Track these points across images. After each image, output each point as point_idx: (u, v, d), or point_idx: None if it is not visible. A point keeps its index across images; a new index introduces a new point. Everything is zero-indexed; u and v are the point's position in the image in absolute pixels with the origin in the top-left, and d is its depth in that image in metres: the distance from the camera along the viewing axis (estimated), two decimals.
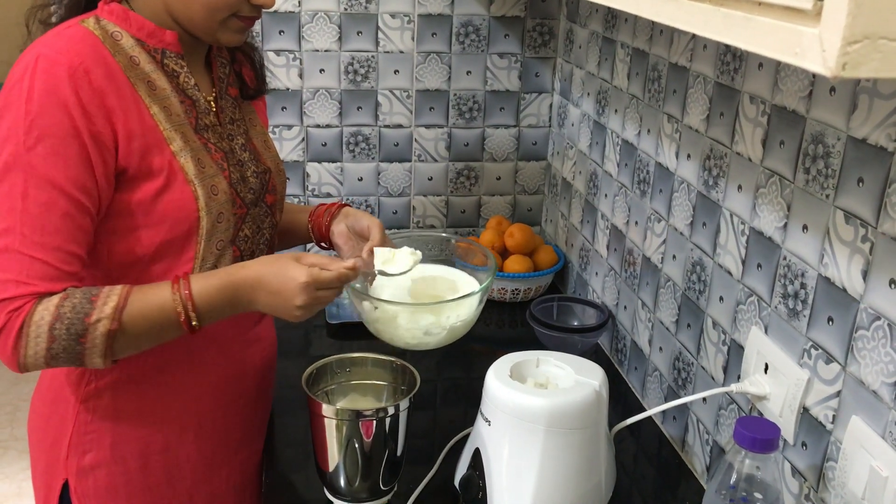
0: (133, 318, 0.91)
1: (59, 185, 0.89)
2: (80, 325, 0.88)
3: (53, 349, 0.88)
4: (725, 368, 1.10)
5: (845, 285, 0.84)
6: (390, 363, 1.10)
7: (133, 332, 0.91)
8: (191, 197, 0.97)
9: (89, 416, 1.03)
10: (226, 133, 1.07)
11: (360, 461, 1.01)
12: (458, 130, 1.84)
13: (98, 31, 0.95)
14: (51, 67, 0.89)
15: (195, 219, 0.98)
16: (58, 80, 0.89)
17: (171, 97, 0.99)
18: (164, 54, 1.00)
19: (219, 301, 0.95)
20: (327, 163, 1.81)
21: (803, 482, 0.92)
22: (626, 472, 1.18)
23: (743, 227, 1.05)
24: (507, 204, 1.93)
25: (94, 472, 1.04)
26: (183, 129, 0.99)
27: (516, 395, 0.96)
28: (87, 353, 0.89)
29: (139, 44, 0.98)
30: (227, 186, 1.02)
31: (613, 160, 1.49)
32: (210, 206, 0.99)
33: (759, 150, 1.00)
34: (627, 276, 1.44)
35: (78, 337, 0.88)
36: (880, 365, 0.79)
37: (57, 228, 0.89)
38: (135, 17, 0.98)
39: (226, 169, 1.03)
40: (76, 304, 0.89)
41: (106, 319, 0.89)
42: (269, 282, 0.96)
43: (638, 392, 1.40)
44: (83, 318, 0.88)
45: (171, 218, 0.97)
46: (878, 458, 0.79)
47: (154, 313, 0.92)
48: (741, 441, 0.81)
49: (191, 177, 0.97)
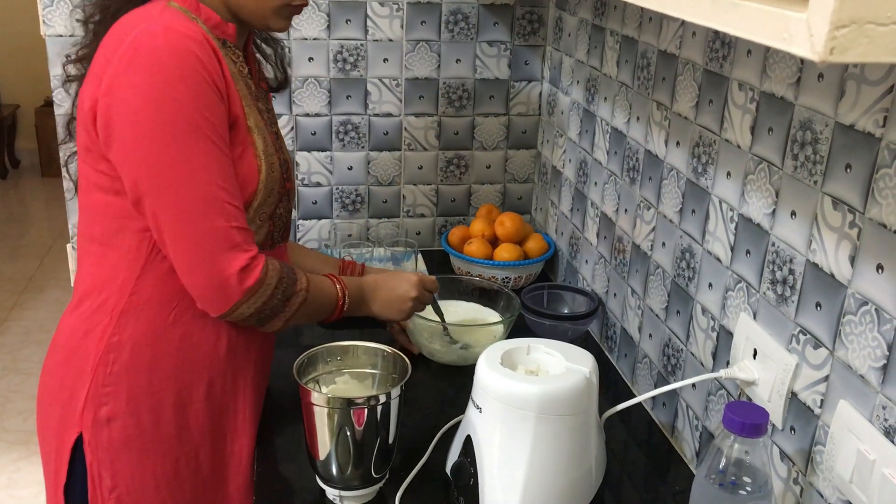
0: (315, 293, 1.12)
1: (225, 140, 1.01)
2: (291, 289, 1.07)
3: (267, 305, 1.05)
4: (714, 354, 1.11)
5: (833, 271, 0.85)
6: (381, 351, 1.11)
7: (310, 306, 1.11)
8: (255, 170, 1.06)
9: (108, 368, 1.07)
10: (272, 120, 1.17)
11: (352, 449, 1.01)
12: (448, 119, 1.84)
13: (187, 13, 1.03)
14: (186, 40, 0.97)
15: (253, 190, 1.06)
16: (198, 51, 0.97)
17: (241, 80, 1.07)
18: (224, 44, 1.06)
19: (357, 297, 1.20)
20: (317, 152, 1.81)
21: (792, 466, 0.93)
22: (616, 458, 1.19)
23: (731, 213, 1.05)
24: (498, 192, 1.93)
25: (109, 425, 1.07)
26: (253, 110, 1.08)
27: (507, 383, 0.96)
28: (280, 315, 1.07)
29: (207, 32, 1.03)
30: (278, 165, 1.11)
31: (603, 148, 1.50)
32: (268, 181, 1.08)
33: (748, 136, 1.01)
34: (617, 264, 1.44)
35: (286, 299, 1.06)
36: (867, 349, 0.80)
37: (233, 179, 1.02)
38: (204, 8, 1.05)
39: (279, 150, 1.13)
40: (287, 273, 1.07)
41: (304, 290, 1.09)
42: (386, 283, 1.26)
43: (628, 379, 1.40)
44: (294, 285, 1.07)
45: (238, 182, 1.04)
46: (865, 442, 0.79)
47: (323, 296, 1.14)
48: (730, 426, 0.82)
49: (259, 151, 1.06)
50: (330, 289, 1.16)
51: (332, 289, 1.16)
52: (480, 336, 1.38)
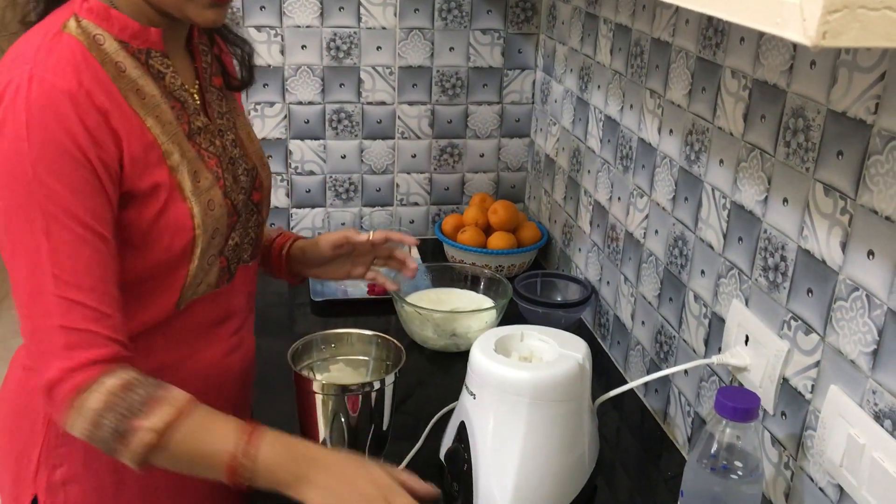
0: (180, 441, 0.83)
1: (82, 219, 0.83)
2: (125, 425, 0.82)
3: (93, 434, 0.83)
4: (707, 341, 1.12)
5: (824, 257, 0.86)
6: (375, 338, 1.11)
7: (173, 454, 0.83)
8: (187, 215, 0.92)
9: (60, 428, 0.91)
10: (216, 130, 1.00)
11: (346, 435, 1.01)
12: (441, 107, 1.84)
13: (83, 38, 0.87)
14: (50, 92, 0.81)
15: (190, 238, 0.92)
16: (60, 106, 0.82)
17: (161, 104, 0.92)
18: (148, 54, 0.92)
19: (279, 465, 0.84)
20: (310, 140, 1.81)
21: (783, 451, 0.94)
22: (608, 444, 1.20)
23: (724, 201, 1.06)
24: (491, 181, 1.93)
25: (65, 488, 0.98)
26: (178, 139, 0.93)
27: (501, 369, 0.97)
28: (121, 454, 0.83)
29: (122, 46, 0.89)
30: (221, 198, 0.96)
31: (596, 136, 1.50)
32: (206, 223, 0.93)
33: (741, 124, 1.01)
34: (610, 252, 1.45)
35: (119, 436, 0.82)
36: (858, 335, 0.81)
37: (88, 266, 0.83)
38: (117, 16, 0.89)
39: (221, 177, 0.97)
40: (133, 401, 0.82)
41: (152, 432, 0.82)
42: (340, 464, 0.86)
43: (620, 366, 1.41)
44: (131, 420, 0.82)
45: (166, 239, 0.91)
46: (855, 426, 0.80)
47: (205, 448, 0.84)
48: (722, 411, 0.83)
49: (187, 193, 0.92)
50: (221, 440, 0.84)
51: (224, 441, 0.84)
52: (473, 322, 1.39)
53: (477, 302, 1.49)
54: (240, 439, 0.83)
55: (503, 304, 1.41)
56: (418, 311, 1.38)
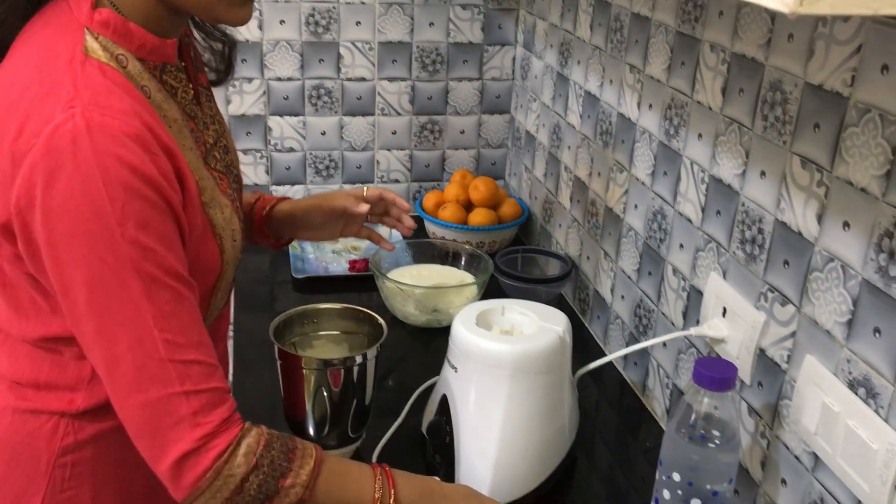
0: (326, 493, 0.80)
1: (178, 273, 0.76)
2: (273, 485, 0.77)
3: (234, 502, 0.76)
4: (685, 314, 1.13)
5: (801, 229, 0.87)
6: (357, 313, 1.11)
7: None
8: (216, 253, 0.85)
9: (67, 471, 0.88)
10: (216, 137, 0.92)
11: (329, 410, 1.02)
12: (422, 84, 1.83)
13: (112, 62, 0.77)
14: (118, 140, 0.71)
15: (217, 274, 0.86)
16: (133, 154, 0.72)
17: (183, 128, 0.83)
18: (163, 70, 0.83)
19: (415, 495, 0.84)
20: (289, 116, 1.79)
21: (759, 420, 0.96)
22: (588, 416, 1.21)
23: (703, 175, 1.07)
24: (471, 157, 1.93)
25: None
26: (203, 170, 0.85)
27: (482, 342, 0.98)
28: None
29: (142, 64, 0.80)
30: (238, 224, 0.90)
31: (576, 112, 1.50)
32: (232, 255, 0.88)
33: (719, 98, 1.02)
34: (590, 227, 1.46)
35: (265, 499, 0.77)
36: (833, 305, 0.82)
37: (192, 321, 0.77)
38: (136, 30, 0.78)
39: (234, 199, 0.91)
40: (275, 457, 0.78)
41: (300, 487, 0.78)
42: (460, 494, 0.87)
43: (600, 340, 1.42)
44: (278, 479, 0.77)
45: (198, 279, 0.82)
46: (830, 395, 0.82)
47: (349, 496, 0.81)
48: (700, 380, 0.84)
49: (218, 230, 0.85)
50: (361, 485, 0.82)
51: (364, 485, 0.82)
52: (454, 297, 1.39)
53: (458, 278, 1.49)
54: (380, 484, 0.82)
55: (484, 280, 1.42)
56: (400, 287, 1.38)
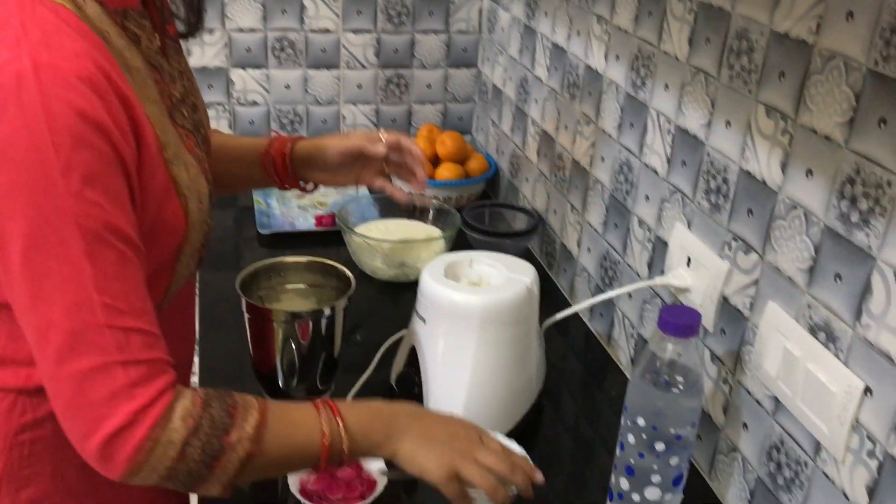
0: (273, 440, 0.75)
1: (125, 233, 0.70)
2: (217, 444, 0.72)
3: (176, 470, 0.72)
4: (650, 264, 1.14)
5: (765, 178, 0.88)
6: (324, 266, 1.10)
7: (269, 458, 0.75)
8: (180, 213, 0.80)
9: (25, 449, 0.85)
10: (182, 94, 0.88)
11: (298, 362, 1.02)
12: (387, 36, 1.81)
13: (66, 2, 0.72)
14: (68, 83, 0.66)
15: (181, 237, 0.82)
16: (84, 99, 0.67)
17: (147, 79, 0.78)
18: (125, 16, 0.78)
19: (367, 428, 0.79)
20: (252, 69, 1.76)
21: (721, 366, 0.98)
22: (554, 368, 1.22)
23: (668, 126, 1.07)
24: (438, 112, 1.91)
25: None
26: (167, 126, 0.80)
27: (451, 294, 0.98)
28: (211, 480, 0.73)
29: (101, 7, 0.75)
30: (206, 186, 0.86)
31: (543, 65, 1.49)
32: (197, 217, 0.84)
33: (686, 47, 1.02)
34: (557, 181, 1.46)
35: (211, 460, 0.72)
36: (796, 252, 0.83)
37: (136, 286, 0.72)
38: None
39: (202, 160, 0.87)
40: (214, 416, 0.73)
41: (247, 441, 0.73)
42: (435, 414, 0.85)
43: (566, 293, 1.44)
44: (221, 437, 0.72)
45: (159, 243, 0.79)
46: (791, 340, 0.84)
47: (297, 436, 0.77)
48: (664, 327, 0.85)
49: (182, 189, 0.80)
50: (307, 425, 0.78)
51: (310, 425, 0.78)
52: (422, 252, 1.39)
53: (426, 232, 1.49)
54: (326, 419, 0.78)
55: (452, 234, 1.42)
56: (367, 242, 1.37)
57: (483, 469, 0.80)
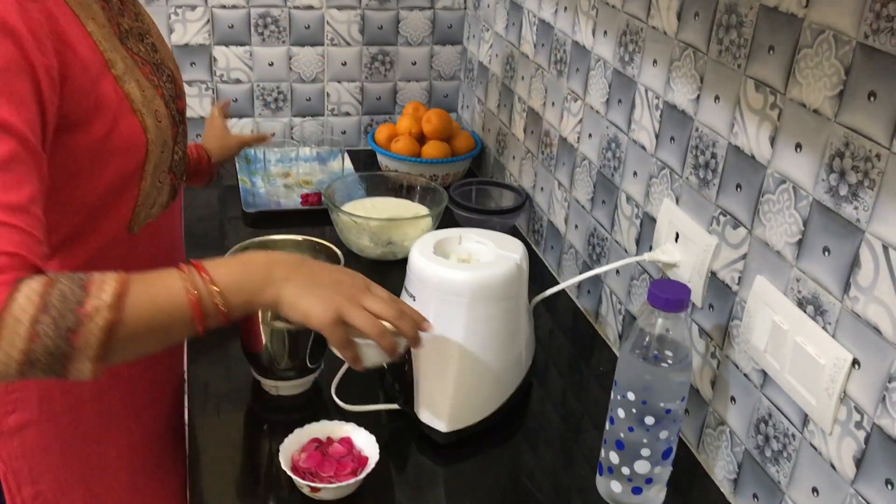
0: (136, 306, 0.72)
1: (19, 131, 0.72)
2: (71, 317, 0.69)
3: (33, 351, 0.68)
4: (638, 241, 1.15)
5: (754, 152, 0.88)
6: (313, 244, 1.10)
7: (136, 326, 0.72)
8: (139, 130, 0.85)
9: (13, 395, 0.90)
10: (139, 33, 0.93)
11: (287, 341, 1.01)
12: (372, 12, 1.79)
13: None
14: None
15: (144, 153, 0.86)
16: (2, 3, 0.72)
17: (93, 3, 0.84)
18: None
19: (239, 276, 0.78)
20: (235, 46, 1.74)
21: (710, 341, 0.98)
22: (542, 345, 1.23)
23: (657, 101, 1.07)
24: (423, 90, 1.90)
25: (21, 433, 0.93)
26: (115, 45, 0.86)
27: (441, 270, 0.98)
28: (75, 356, 0.70)
29: None
30: (164, 108, 0.91)
31: (530, 41, 1.48)
32: (158, 135, 0.88)
33: (675, 22, 1.01)
34: (544, 158, 1.46)
35: (68, 333, 0.69)
36: (784, 226, 0.84)
37: (20, 184, 0.72)
38: None
39: (158, 85, 0.91)
40: (65, 290, 0.70)
41: (105, 309, 0.70)
42: (325, 265, 0.84)
43: (554, 270, 1.44)
44: (76, 309, 0.70)
45: (120, 155, 0.84)
46: (779, 313, 0.84)
47: (162, 299, 0.74)
48: (654, 301, 0.85)
49: (137, 105, 0.85)
50: (172, 287, 0.76)
51: (176, 286, 0.75)
52: (409, 230, 1.39)
53: (413, 210, 1.49)
54: (190, 274, 0.76)
55: (439, 212, 1.41)
56: (354, 220, 1.37)
57: (369, 315, 0.80)
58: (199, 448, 0.98)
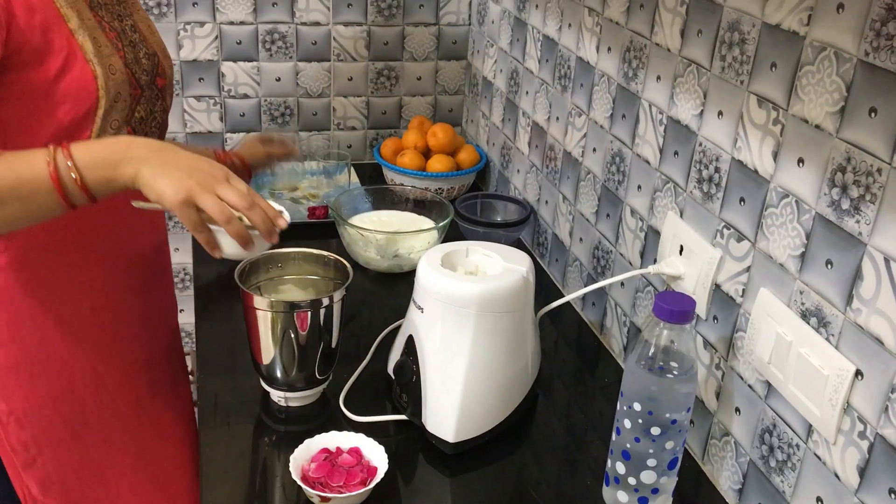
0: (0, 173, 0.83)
1: None
2: None
3: None
4: (642, 254, 1.16)
5: (757, 167, 0.89)
6: (322, 257, 1.11)
7: None
8: (90, 76, 0.95)
9: None
10: (116, 13, 1.06)
11: (296, 352, 1.03)
12: (378, 28, 1.81)
13: None
14: None
15: (94, 98, 0.96)
16: None
17: None
18: None
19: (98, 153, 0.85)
20: (243, 62, 1.76)
21: (714, 353, 1.00)
22: (547, 356, 1.24)
23: (661, 116, 1.09)
24: (428, 104, 1.92)
25: None
26: (78, 7, 0.97)
27: (448, 283, 0.99)
28: None
29: None
30: (122, 66, 1.01)
31: (534, 57, 1.50)
32: (108, 85, 0.97)
33: (678, 39, 1.03)
34: (549, 172, 1.47)
35: None
36: (787, 239, 0.85)
37: None
38: None
39: (121, 49, 1.02)
40: None
41: None
42: (188, 153, 0.88)
43: (559, 282, 1.45)
44: None
45: (71, 98, 0.94)
46: (783, 325, 0.85)
47: (23, 168, 0.84)
48: (660, 313, 0.86)
49: (90, 56, 0.96)
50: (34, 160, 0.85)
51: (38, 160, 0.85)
52: (415, 243, 1.40)
53: (418, 223, 1.50)
54: (54, 150, 0.84)
55: (445, 225, 1.43)
56: (361, 233, 1.38)
57: (219, 201, 0.85)
58: (209, 459, 0.99)
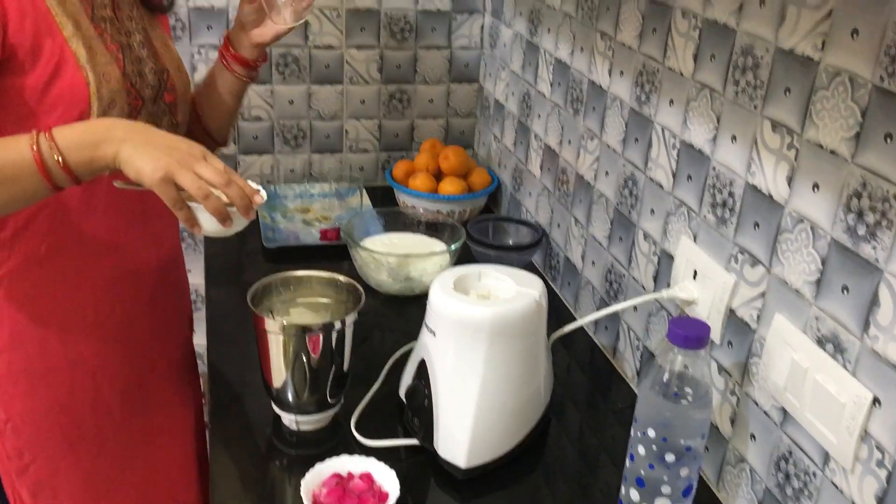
0: None
1: None
2: None
3: None
4: (655, 278, 1.15)
5: (771, 192, 0.89)
6: (335, 281, 1.11)
7: None
8: (82, 82, 0.96)
9: None
10: (123, 29, 1.07)
11: (308, 376, 1.02)
12: (390, 52, 1.82)
13: None
14: None
15: (86, 104, 0.97)
16: None
17: None
18: None
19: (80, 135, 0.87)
20: (256, 85, 1.77)
21: (729, 378, 0.99)
22: (559, 380, 1.23)
23: (674, 140, 1.08)
24: (440, 127, 1.93)
25: None
26: (77, 17, 0.98)
27: (460, 306, 0.99)
28: None
29: None
30: (119, 75, 1.01)
31: (546, 80, 1.51)
32: (101, 92, 0.98)
33: (691, 64, 1.03)
34: (561, 195, 1.47)
35: None
36: (803, 265, 0.84)
37: None
38: None
39: (120, 60, 1.03)
40: None
41: None
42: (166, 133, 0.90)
43: (571, 306, 1.45)
44: None
45: (63, 103, 0.96)
46: (798, 351, 0.85)
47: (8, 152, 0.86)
48: (674, 339, 0.86)
49: (83, 62, 0.97)
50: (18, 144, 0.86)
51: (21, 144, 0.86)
52: (427, 265, 1.40)
53: (430, 246, 1.50)
54: (35, 133, 0.86)
55: (457, 248, 1.43)
56: (373, 256, 1.38)
57: (197, 178, 0.87)
58: (219, 482, 0.99)
